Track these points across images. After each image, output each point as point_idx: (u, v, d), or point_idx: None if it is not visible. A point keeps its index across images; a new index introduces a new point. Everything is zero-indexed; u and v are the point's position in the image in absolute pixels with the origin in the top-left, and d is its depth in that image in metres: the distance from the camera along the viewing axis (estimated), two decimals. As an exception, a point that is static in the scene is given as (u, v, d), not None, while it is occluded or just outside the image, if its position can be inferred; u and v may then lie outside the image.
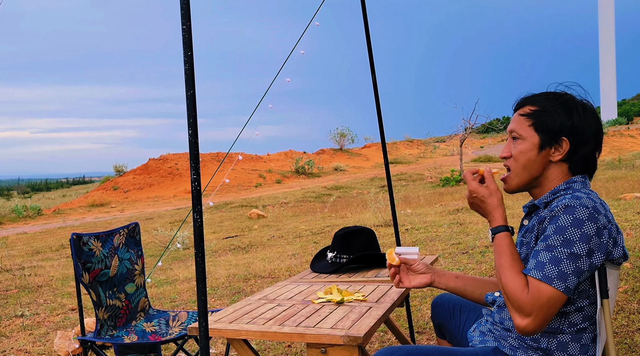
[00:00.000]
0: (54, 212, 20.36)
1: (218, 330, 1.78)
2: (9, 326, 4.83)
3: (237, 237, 9.71)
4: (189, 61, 1.43)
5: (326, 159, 29.86)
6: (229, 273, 6.24)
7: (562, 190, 1.63)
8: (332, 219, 10.95)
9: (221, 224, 12.27)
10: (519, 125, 1.67)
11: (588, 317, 1.57)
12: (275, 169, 26.59)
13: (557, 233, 1.49)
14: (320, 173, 26.11)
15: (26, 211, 18.79)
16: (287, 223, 11.12)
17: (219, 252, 8.16)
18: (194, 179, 1.41)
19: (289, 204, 15.18)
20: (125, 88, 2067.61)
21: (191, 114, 1.42)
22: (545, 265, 1.47)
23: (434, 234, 7.37)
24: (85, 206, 21.50)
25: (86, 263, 2.34)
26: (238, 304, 2.09)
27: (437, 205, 11.18)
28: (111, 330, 2.37)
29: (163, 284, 6.08)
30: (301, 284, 2.41)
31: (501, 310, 1.71)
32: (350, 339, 1.67)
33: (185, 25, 1.43)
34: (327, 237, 8.48)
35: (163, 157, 26.47)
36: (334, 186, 19.45)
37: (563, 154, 1.62)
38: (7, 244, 11.68)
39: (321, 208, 13.25)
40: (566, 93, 1.67)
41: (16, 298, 5.97)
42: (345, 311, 1.94)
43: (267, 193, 19.83)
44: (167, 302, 5.22)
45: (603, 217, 1.52)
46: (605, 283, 1.51)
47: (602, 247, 1.51)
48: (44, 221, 17.86)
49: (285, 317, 1.89)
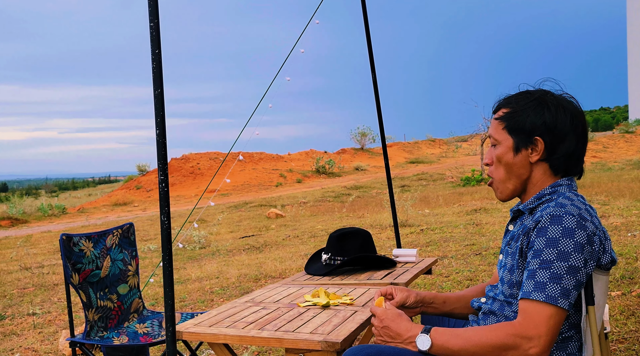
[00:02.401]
0: (79, 211, 20.69)
1: (196, 334, 1.75)
2: (20, 324, 4.89)
3: (253, 236, 9.70)
4: (157, 59, 1.40)
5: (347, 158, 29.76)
6: (240, 273, 6.23)
7: (547, 194, 1.56)
8: (350, 219, 10.88)
9: (239, 223, 12.30)
10: (495, 129, 1.62)
11: (574, 325, 1.49)
12: (296, 168, 26.59)
13: (549, 246, 1.42)
14: (340, 173, 26.04)
15: (51, 209, 19.13)
16: (304, 223, 11.09)
17: (233, 252, 8.17)
18: (161, 180, 1.37)
19: (308, 204, 15.15)
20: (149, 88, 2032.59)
21: (159, 113, 1.39)
22: (546, 285, 1.39)
23: (448, 235, 7.25)
24: (109, 205, 21.80)
25: (76, 263, 2.34)
26: (223, 307, 2.06)
27: (455, 205, 11.03)
28: (101, 331, 2.36)
29: (175, 283, 6.09)
30: (292, 286, 2.37)
31: (486, 317, 1.64)
32: (328, 345, 1.62)
33: (153, 23, 1.40)
34: (341, 237, 8.43)
35: (185, 156, 26.70)
36: (354, 186, 19.37)
37: (540, 154, 1.56)
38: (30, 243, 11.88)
39: (339, 208, 13.19)
40: (541, 90, 1.60)
41: (31, 296, 6.05)
42: (329, 315, 1.90)
43: (287, 193, 19.84)
44: (177, 301, 5.22)
45: (590, 224, 1.45)
46: (591, 289, 1.44)
47: (594, 255, 1.44)
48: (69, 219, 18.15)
49: (267, 321, 1.85)
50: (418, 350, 1.49)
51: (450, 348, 1.45)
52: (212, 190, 21.30)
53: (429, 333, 1.48)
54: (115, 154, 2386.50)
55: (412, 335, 1.50)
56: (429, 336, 1.47)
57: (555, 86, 1.63)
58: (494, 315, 1.61)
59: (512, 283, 1.55)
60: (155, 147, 1.36)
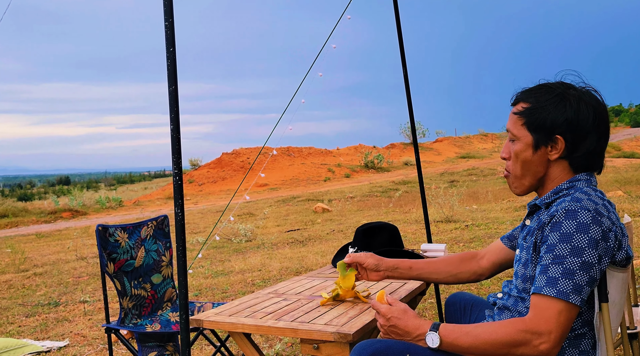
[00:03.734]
0: (134, 204, 21.43)
1: (216, 323, 1.81)
2: (72, 311, 5.14)
3: (298, 230, 9.80)
4: (171, 57, 1.46)
5: (396, 153, 29.54)
6: (282, 266, 6.32)
7: (565, 189, 1.53)
8: (396, 214, 10.83)
9: (287, 217, 12.43)
10: (513, 124, 1.59)
11: (587, 322, 1.46)
12: (344, 163, 26.61)
13: (563, 241, 1.40)
14: (389, 168, 25.88)
15: (109, 202, 19.91)
16: (350, 218, 11.11)
17: (278, 245, 8.28)
18: (175, 173, 1.43)
19: (355, 199, 15.16)
20: (202, 85, 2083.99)
21: (173, 109, 1.45)
22: (558, 280, 1.37)
23: (493, 231, 7.12)
24: (163, 198, 22.46)
25: (111, 253, 2.45)
26: (245, 297, 2.12)
27: (504, 201, 10.79)
28: (135, 319, 2.47)
29: (219, 275, 6.25)
30: (316, 279, 2.40)
31: (501, 312, 1.63)
32: (340, 336, 1.65)
33: (168, 22, 1.46)
34: (385, 232, 8.40)
35: (236, 151, 27.18)
36: (402, 181, 19.21)
37: (560, 153, 1.52)
38: (87, 234, 12.41)
39: (386, 203, 13.14)
40: (562, 84, 1.55)
41: (84, 285, 6.34)
42: (347, 307, 1.92)
43: (335, 187, 19.89)
44: (219, 293, 5.36)
45: (607, 219, 1.41)
46: (604, 286, 1.40)
47: (609, 251, 1.41)
48: (124, 212, 18.83)
49: (285, 312, 1.89)
50: (427, 347, 1.49)
51: (459, 345, 1.45)
52: (259, 184, 21.59)
53: (437, 330, 1.48)
54: (169, 148, 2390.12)
55: (422, 332, 1.50)
56: (437, 334, 1.47)
57: (576, 79, 1.58)
58: (508, 310, 1.60)
59: (526, 277, 1.53)
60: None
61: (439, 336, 1.47)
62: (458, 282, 1.94)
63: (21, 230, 14.86)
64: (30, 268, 7.87)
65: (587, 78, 1.57)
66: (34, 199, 28.86)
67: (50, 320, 4.83)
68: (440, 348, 1.47)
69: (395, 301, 1.61)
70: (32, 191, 38.80)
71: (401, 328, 1.53)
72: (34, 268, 7.89)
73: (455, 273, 1.92)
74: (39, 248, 10.37)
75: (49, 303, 5.48)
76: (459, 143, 33.54)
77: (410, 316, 1.55)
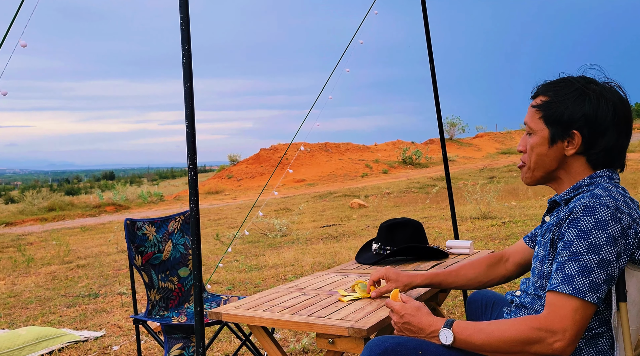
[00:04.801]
0: (175, 198, 21.87)
1: (234, 316, 1.84)
2: (111, 302, 5.30)
3: (334, 226, 9.82)
4: (187, 55, 1.49)
5: (435, 149, 29.19)
6: (315, 261, 6.35)
7: (585, 185, 1.50)
8: (432, 210, 10.73)
9: (323, 213, 12.47)
10: (531, 118, 1.57)
11: (605, 321, 1.43)
12: (382, 159, 26.48)
13: (580, 238, 1.37)
14: (428, 163, 25.61)
15: (150, 197, 20.39)
16: (386, 214, 11.06)
17: (312, 240, 8.32)
18: (190, 169, 1.46)
19: (392, 195, 15.07)
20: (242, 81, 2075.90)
21: (188, 106, 1.48)
22: (574, 277, 1.35)
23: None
24: (202, 194, 22.84)
25: (139, 247, 2.52)
26: (266, 292, 2.14)
27: (544, 198, 10.54)
28: (162, 311, 2.54)
29: (252, 269, 6.33)
30: (338, 274, 2.41)
31: (518, 310, 1.61)
32: (355, 331, 1.66)
33: (183, 20, 1.49)
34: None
35: (274, 147, 27.39)
36: (441, 177, 18.98)
37: (577, 148, 1.48)
38: (129, 228, 12.74)
39: (423, 199, 13.02)
40: (583, 78, 1.51)
41: (123, 277, 6.52)
42: (365, 303, 1.93)
43: (372, 183, 19.82)
44: (251, 287, 5.43)
45: (627, 216, 1.37)
46: (623, 285, 1.36)
47: (628, 249, 1.37)
48: (165, 206, 19.25)
49: (303, 306, 1.90)
50: (441, 344, 1.48)
51: (473, 342, 1.44)
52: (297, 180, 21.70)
53: (451, 327, 1.47)
54: (210, 144, 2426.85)
55: (435, 329, 1.49)
56: (451, 331, 1.46)
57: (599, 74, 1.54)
58: (525, 308, 1.58)
59: (543, 274, 1.51)
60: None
61: (452, 333, 1.46)
62: (486, 287, 1.93)
63: (67, 223, 15.38)
64: (74, 260, 8.14)
65: (610, 73, 1.53)
66: (81, 193, 29.84)
67: (89, 310, 5.00)
68: (454, 345, 1.46)
69: (409, 299, 1.61)
70: (79, 185, 40.12)
71: (415, 325, 1.53)
72: (77, 260, 8.17)
73: (484, 281, 1.90)
74: (83, 240, 10.72)
75: (89, 294, 5.66)
76: (500, 138, 32.89)
77: (424, 313, 1.55)
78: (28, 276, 7.13)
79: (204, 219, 13.18)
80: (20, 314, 5.08)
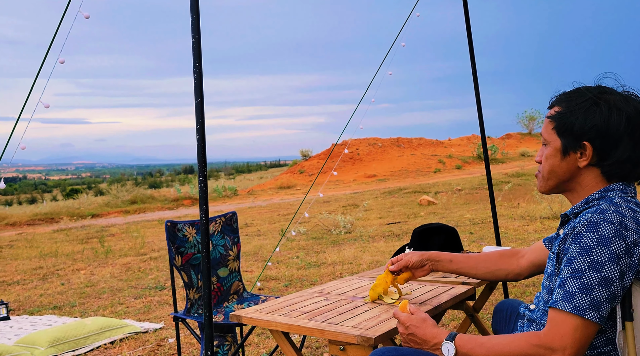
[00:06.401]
0: (248, 193, 22.47)
1: (253, 319, 1.91)
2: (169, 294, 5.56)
3: (399, 224, 9.76)
4: (198, 71, 1.56)
5: (512, 144, 28.20)
6: (373, 260, 6.36)
7: (596, 199, 1.44)
8: (502, 209, 10.41)
9: (391, 209, 12.41)
10: (545, 128, 1.54)
11: (611, 341, 1.39)
12: (456, 154, 25.90)
13: (582, 254, 1.33)
14: (504, 159, 24.78)
15: (225, 191, 21.06)
16: (454, 211, 10.85)
17: (374, 238, 8.31)
18: (200, 180, 1.53)
19: (463, 192, 14.75)
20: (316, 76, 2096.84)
21: (199, 120, 1.55)
22: (574, 295, 1.32)
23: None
24: (275, 188, 23.32)
25: (179, 247, 2.65)
26: (291, 295, 2.20)
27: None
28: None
29: (311, 266, 6.42)
30: (366, 279, 2.43)
31: (529, 324, 1.58)
32: (363, 339, 1.68)
33: (195, 39, 1.55)
34: (484, 228, 8.12)
35: (345, 142, 27.47)
36: (516, 173, 18.34)
37: (589, 159, 1.43)
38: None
39: (495, 197, 12.65)
40: (599, 87, 1.46)
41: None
42: (381, 310, 1.94)
43: (444, 179, 19.46)
44: (307, 284, 5.52)
45: (633, 233, 1.32)
46: (629, 304, 1.30)
47: (633, 267, 1.31)
48: (239, 200, 19.83)
49: (321, 312, 1.94)
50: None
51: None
52: (367, 175, 21.64)
53: (453, 340, 1.46)
54: (284, 139, 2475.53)
55: (438, 341, 1.50)
56: (453, 344, 1.46)
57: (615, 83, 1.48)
58: (535, 323, 1.55)
59: (550, 289, 1.48)
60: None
61: (454, 346, 1.46)
62: (496, 279, 1.91)
63: (147, 216, 16.21)
64: (147, 253, 8.59)
65: (626, 81, 1.46)
66: (162, 187, 31.29)
67: (153, 302, 5.27)
68: None
69: (417, 310, 1.61)
70: (161, 179, 42.09)
71: (419, 337, 1.53)
72: (151, 252, 8.61)
73: (493, 270, 1.89)
74: (159, 233, 11.26)
75: (155, 287, 5.97)
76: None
77: (429, 325, 1.55)
78: (106, 266, 7.60)
79: (274, 214, 13.48)
80: (92, 304, 5.44)
